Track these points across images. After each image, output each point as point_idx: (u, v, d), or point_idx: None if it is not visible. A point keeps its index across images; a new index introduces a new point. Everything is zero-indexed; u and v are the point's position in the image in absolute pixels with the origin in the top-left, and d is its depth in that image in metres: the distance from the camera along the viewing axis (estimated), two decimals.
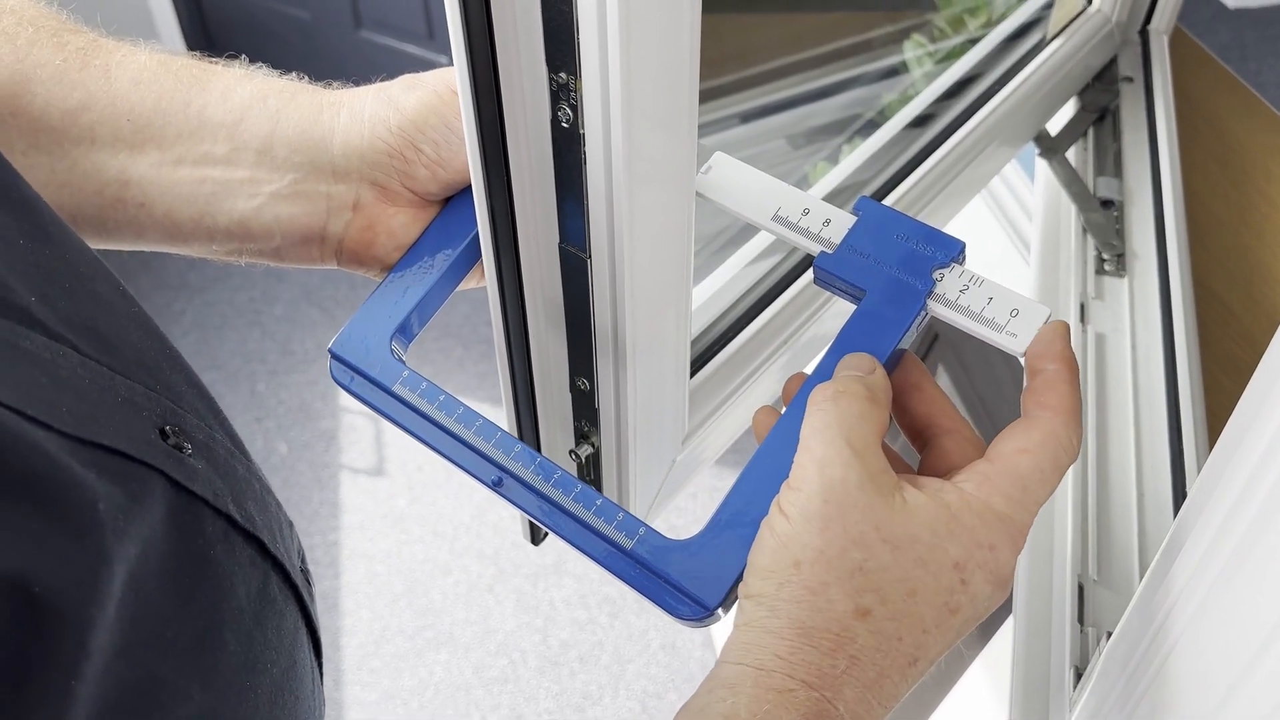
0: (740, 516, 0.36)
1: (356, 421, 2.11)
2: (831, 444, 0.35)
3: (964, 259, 0.41)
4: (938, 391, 0.41)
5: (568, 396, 0.48)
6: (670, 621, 1.80)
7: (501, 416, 0.41)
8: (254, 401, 2.12)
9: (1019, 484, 0.36)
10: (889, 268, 0.41)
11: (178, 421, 0.34)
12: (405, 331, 0.44)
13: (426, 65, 2.59)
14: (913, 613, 0.34)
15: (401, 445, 2.06)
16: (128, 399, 0.32)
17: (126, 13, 2.47)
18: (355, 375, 0.43)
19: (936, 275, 0.40)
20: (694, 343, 0.55)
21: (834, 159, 0.85)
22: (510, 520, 1.96)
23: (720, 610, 0.36)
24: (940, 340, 1.11)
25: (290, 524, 0.41)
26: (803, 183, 0.83)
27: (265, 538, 0.36)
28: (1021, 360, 0.40)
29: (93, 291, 0.34)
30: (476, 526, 1.95)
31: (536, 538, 0.55)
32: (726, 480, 2.01)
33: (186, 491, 0.32)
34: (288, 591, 0.38)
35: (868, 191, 0.70)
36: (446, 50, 2.37)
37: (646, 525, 0.38)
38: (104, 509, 0.28)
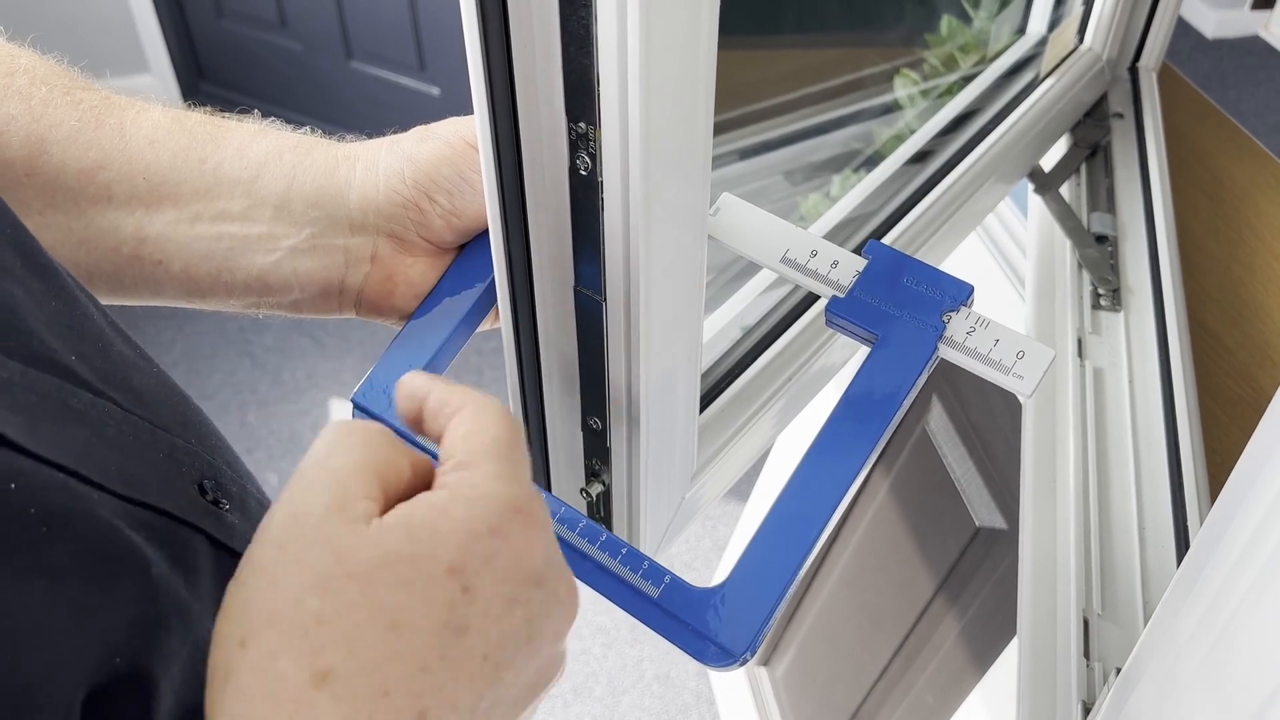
0: (764, 565, 0.37)
1: None
2: (306, 473, 0.29)
3: (972, 302, 0.42)
4: (437, 386, 0.34)
5: (579, 436, 0.49)
6: (664, 651, 1.79)
7: None
8: (244, 432, 2.12)
9: (497, 458, 0.30)
10: (900, 312, 0.41)
11: (215, 475, 0.34)
12: None
13: (417, 96, 2.62)
14: (398, 652, 0.27)
15: None
16: (169, 454, 0.33)
17: (118, 46, 2.48)
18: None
19: (945, 319, 0.41)
20: (703, 377, 0.56)
21: (826, 192, 0.86)
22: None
23: (748, 655, 0.36)
24: (935, 370, 1.12)
25: None
26: (798, 217, 0.84)
27: None
28: (1023, 401, 0.41)
29: (120, 351, 0.34)
30: None
31: None
32: (719, 509, 2.01)
33: (225, 548, 0.33)
34: None
35: (869, 227, 0.71)
36: (437, 81, 2.40)
37: (671, 573, 0.38)
38: (156, 574, 0.28)
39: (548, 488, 0.50)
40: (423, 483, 0.31)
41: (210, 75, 2.69)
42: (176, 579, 0.30)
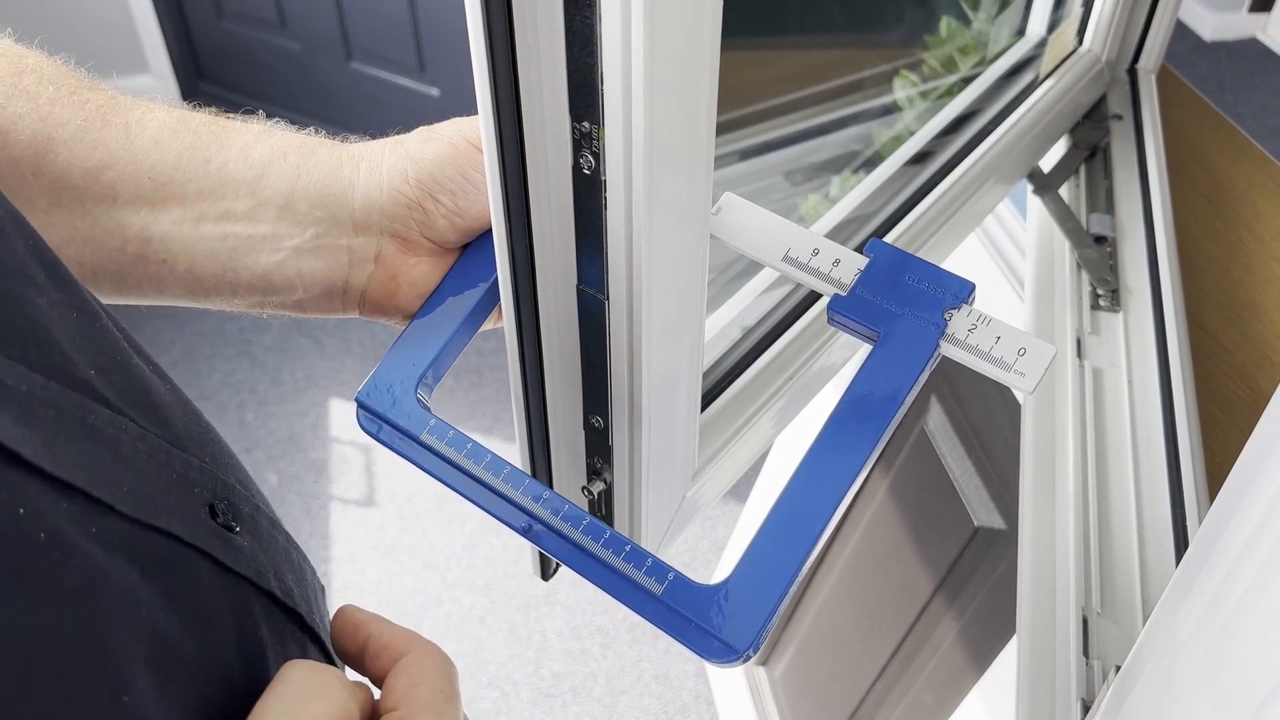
0: (768, 560, 0.37)
1: (346, 452, 2.10)
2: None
3: (974, 300, 0.42)
4: (377, 626, 0.37)
5: (581, 434, 0.49)
6: (663, 651, 1.79)
7: (497, 446, 0.42)
8: (243, 432, 2.12)
9: (438, 709, 0.34)
10: (902, 310, 0.42)
11: (227, 495, 0.35)
12: (429, 378, 0.45)
13: (417, 97, 2.62)
14: None
15: (391, 476, 2.06)
16: (182, 474, 0.33)
17: (117, 45, 2.48)
18: (383, 425, 0.43)
19: (947, 316, 0.41)
20: (704, 377, 0.56)
21: (826, 194, 0.86)
22: (502, 551, 1.95)
23: (751, 651, 0.36)
24: (934, 371, 1.12)
25: (323, 589, 0.41)
26: (798, 218, 0.84)
27: (303, 610, 0.37)
28: (1020, 399, 0.41)
29: (137, 365, 0.34)
30: (468, 557, 1.94)
31: (547, 572, 0.56)
32: (717, 510, 2.01)
33: (232, 572, 0.33)
34: (323, 661, 0.38)
35: (870, 228, 0.71)
36: (437, 82, 2.40)
37: (675, 570, 0.38)
38: (145, 613, 0.29)
39: (550, 485, 0.51)
40: (367, 715, 0.34)
41: (210, 75, 2.69)
42: (173, 614, 0.30)
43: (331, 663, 0.40)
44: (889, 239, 0.70)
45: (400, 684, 0.34)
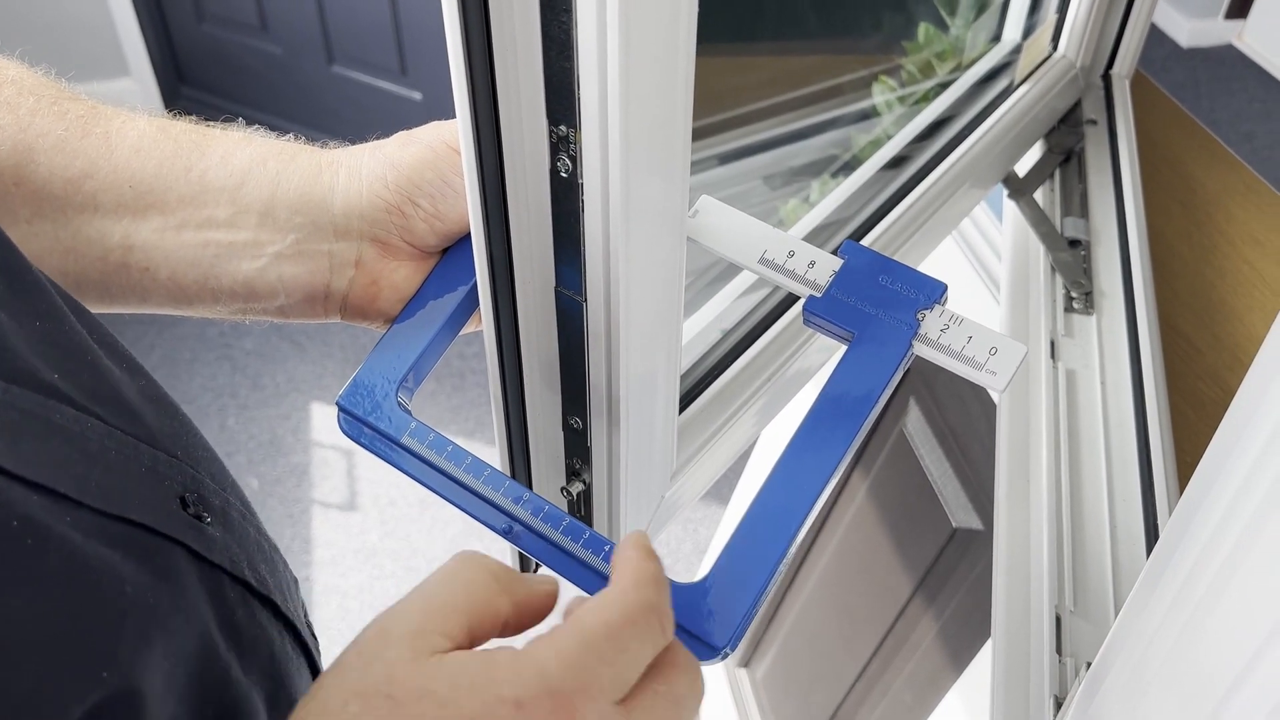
0: (745, 559, 0.37)
1: (328, 456, 2.10)
2: (410, 596, 0.32)
3: (946, 301, 0.43)
4: (652, 561, 0.35)
5: (560, 435, 0.49)
6: None
7: (479, 450, 0.42)
8: (224, 436, 2.11)
9: (580, 640, 0.31)
10: (876, 310, 0.42)
11: (197, 488, 0.35)
12: (410, 382, 0.45)
13: (398, 101, 2.62)
14: None
15: (373, 480, 2.06)
16: (151, 468, 0.33)
17: (98, 49, 2.47)
18: (364, 428, 0.44)
19: (920, 316, 0.42)
20: (682, 378, 0.57)
21: (805, 198, 0.87)
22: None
23: (729, 649, 0.37)
24: (912, 373, 1.13)
25: (296, 581, 0.41)
26: (777, 222, 0.85)
27: (278, 599, 0.37)
28: (995, 398, 0.42)
29: (107, 366, 0.35)
30: None
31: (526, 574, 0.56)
32: (700, 512, 2.02)
33: (206, 561, 0.33)
34: (299, 651, 0.39)
35: (846, 231, 0.72)
36: (418, 86, 2.40)
37: None
38: (131, 590, 0.29)
39: (529, 486, 0.51)
40: (529, 622, 0.33)
41: (191, 79, 2.68)
42: (160, 592, 0.30)
43: (307, 655, 0.40)
44: (866, 242, 0.71)
45: (589, 602, 0.32)
